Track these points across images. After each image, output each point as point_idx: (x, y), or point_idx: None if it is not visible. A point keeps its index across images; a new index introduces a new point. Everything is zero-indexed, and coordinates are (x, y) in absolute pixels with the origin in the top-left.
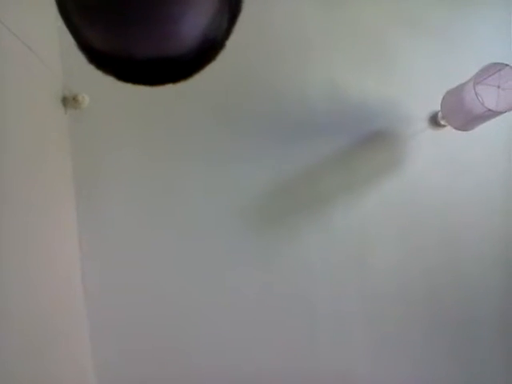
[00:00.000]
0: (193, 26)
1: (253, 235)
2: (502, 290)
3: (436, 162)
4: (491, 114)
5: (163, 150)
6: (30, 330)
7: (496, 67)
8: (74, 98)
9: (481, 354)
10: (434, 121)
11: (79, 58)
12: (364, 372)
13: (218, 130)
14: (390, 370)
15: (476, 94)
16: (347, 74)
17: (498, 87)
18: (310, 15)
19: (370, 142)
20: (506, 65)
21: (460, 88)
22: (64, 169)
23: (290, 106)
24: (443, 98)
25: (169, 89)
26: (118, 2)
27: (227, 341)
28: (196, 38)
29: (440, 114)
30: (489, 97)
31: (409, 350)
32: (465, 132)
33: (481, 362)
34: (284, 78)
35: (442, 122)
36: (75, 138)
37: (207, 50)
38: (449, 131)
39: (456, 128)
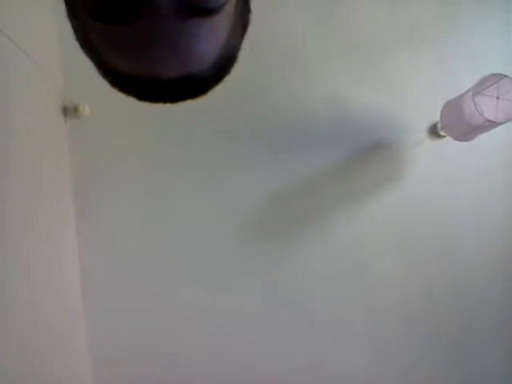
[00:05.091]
0: (215, 42)
1: (253, 245)
2: (502, 302)
3: (436, 172)
4: (490, 124)
5: (163, 160)
6: (29, 332)
7: (494, 78)
8: (75, 108)
9: (480, 365)
10: (434, 131)
11: (80, 68)
12: (363, 381)
13: (217, 141)
14: (388, 378)
15: (475, 104)
16: (346, 85)
17: (497, 98)
18: (309, 27)
19: (370, 152)
20: (505, 76)
21: (459, 99)
22: (63, 178)
23: (290, 118)
24: (442, 109)
25: None
26: (146, 32)
27: (227, 349)
28: (217, 53)
29: (439, 125)
30: (488, 107)
31: (408, 359)
32: (464, 142)
33: (480, 373)
34: (283, 89)
35: (442, 133)
36: (75, 148)
37: (225, 64)
38: (448, 142)
39: (455, 138)
